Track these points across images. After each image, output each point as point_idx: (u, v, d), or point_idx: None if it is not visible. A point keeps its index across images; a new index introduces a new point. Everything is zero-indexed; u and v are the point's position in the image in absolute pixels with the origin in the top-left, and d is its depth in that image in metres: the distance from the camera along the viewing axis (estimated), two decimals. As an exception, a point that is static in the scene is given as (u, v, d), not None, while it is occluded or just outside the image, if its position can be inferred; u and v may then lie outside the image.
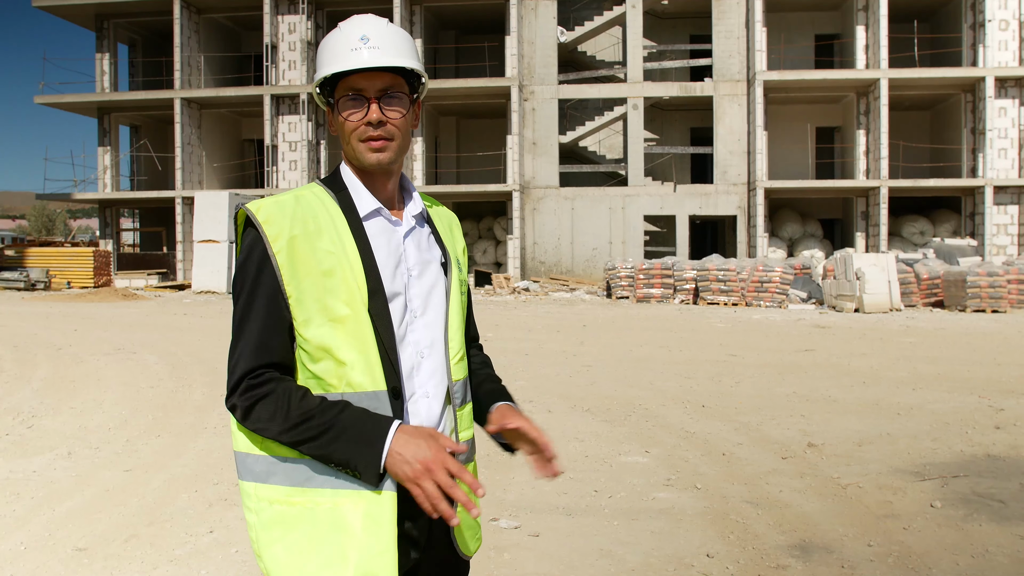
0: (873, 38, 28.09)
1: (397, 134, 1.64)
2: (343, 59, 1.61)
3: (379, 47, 1.61)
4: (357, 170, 1.69)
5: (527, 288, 27.14)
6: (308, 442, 1.51)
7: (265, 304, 1.56)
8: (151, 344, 12.50)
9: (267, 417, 1.52)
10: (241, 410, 1.54)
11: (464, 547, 1.72)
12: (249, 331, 1.56)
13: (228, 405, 1.56)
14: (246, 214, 1.60)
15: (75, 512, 4.63)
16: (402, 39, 1.66)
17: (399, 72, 1.64)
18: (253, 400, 1.53)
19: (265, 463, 1.59)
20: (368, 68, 1.60)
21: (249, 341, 1.55)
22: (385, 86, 1.62)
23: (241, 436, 1.62)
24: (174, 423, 7.00)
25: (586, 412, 7.48)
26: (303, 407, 1.51)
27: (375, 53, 1.61)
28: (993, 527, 4.34)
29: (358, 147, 1.63)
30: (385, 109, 1.62)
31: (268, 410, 1.52)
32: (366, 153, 1.63)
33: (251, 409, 1.53)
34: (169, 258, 32.19)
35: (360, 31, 1.62)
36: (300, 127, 30.28)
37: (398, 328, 1.62)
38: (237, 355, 1.56)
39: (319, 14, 31.08)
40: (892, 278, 19.68)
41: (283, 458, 1.58)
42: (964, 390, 8.48)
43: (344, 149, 1.68)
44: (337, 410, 1.52)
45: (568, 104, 31.13)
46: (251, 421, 1.54)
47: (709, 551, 4.03)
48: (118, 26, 32.83)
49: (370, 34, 1.62)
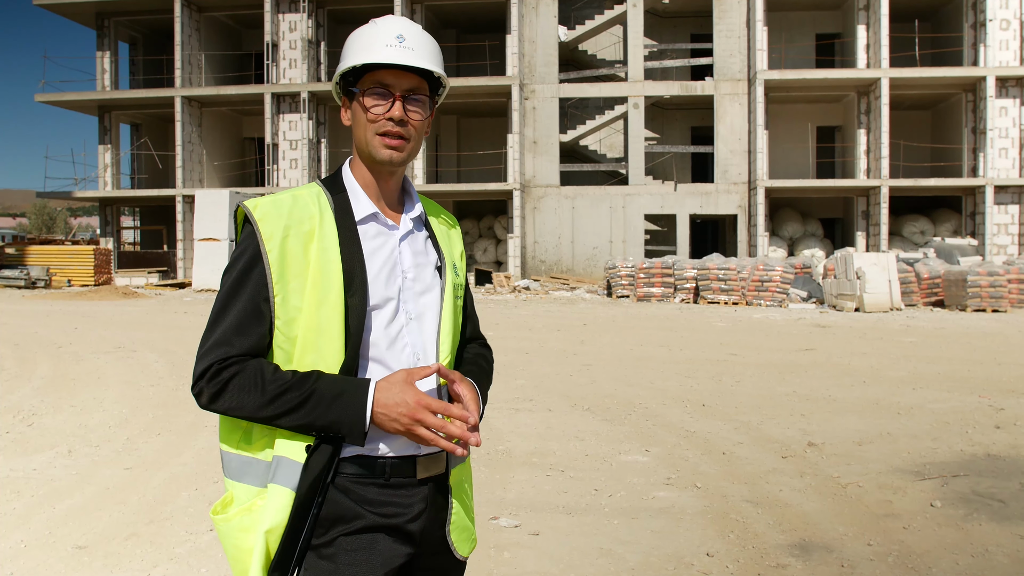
0: (874, 37, 28.08)
1: (414, 135, 1.66)
2: (378, 52, 1.62)
3: (413, 48, 1.64)
4: (362, 170, 1.70)
5: (527, 287, 27.14)
6: (288, 414, 1.52)
7: (248, 299, 1.57)
8: (151, 342, 12.50)
9: (241, 395, 1.53)
10: (208, 395, 1.54)
11: (459, 548, 1.73)
12: (227, 322, 1.57)
13: (194, 391, 1.56)
14: (244, 211, 1.62)
15: (75, 510, 4.63)
16: (433, 45, 1.69)
17: (425, 76, 1.67)
18: (221, 384, 1.53)
19: (239, 461, 1.63)
20: (402, 65, 1.62)
21: (225, 331, 1.56)
22: (411, 87, 1.65)
23: (224, 433, 1.65)
24: (174, 421, 7.00)
25: (586, 411, 7.48)
26: (278, 380, 1.53)
27: (409, 53, 1.63)
28: (993, 526, 4.34)
29: (373, 140, 1.64)
30: (408, 109, 1.65)
31: (242, 388, 1.53)
32: (380, 148, 1.64)
33: (220, 392, 1.53)
34: (169, 256, 32.19)
35: (397, 29, 1.65)
36: (301, 125, 30.27)
37: (393, 331, 1.63)
38: (210, 343, 1.56)
39: (320, 13, 31.07)
40: (893, 277, 19.67)
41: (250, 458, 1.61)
42: (964, 389, 8.48)
43: (357, 141, 1.68)
44: (313, 379, 1.53)
45: (569, 103, 31.12)
46: (221, 403, 1.54)
47: (709, 550, 4.04)
48: (119, 24, 32.82)
49: (406, 34, 1.65)
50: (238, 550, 1.59)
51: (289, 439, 1.57)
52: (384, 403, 1.52)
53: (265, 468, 1.60)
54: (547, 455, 5.91)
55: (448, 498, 1.71)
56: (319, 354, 1.58)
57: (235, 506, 1.61)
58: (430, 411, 1.51)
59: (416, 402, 1.51)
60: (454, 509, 1.72)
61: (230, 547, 1.61)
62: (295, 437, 1.57)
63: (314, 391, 1.52)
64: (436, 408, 1.51)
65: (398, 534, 1.62)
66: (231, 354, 1.55)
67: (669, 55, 31.99)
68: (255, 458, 1.61)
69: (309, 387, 1.52)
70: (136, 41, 34.56)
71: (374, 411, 1.52)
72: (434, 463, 1.67)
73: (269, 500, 1.56)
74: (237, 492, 1.62)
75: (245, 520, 1.59)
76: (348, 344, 1.58)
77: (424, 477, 1.65)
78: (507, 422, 6.97)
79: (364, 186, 1.69)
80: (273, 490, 1.56)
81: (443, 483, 1.70)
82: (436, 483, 1.68)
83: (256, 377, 1.53)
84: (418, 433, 1.51)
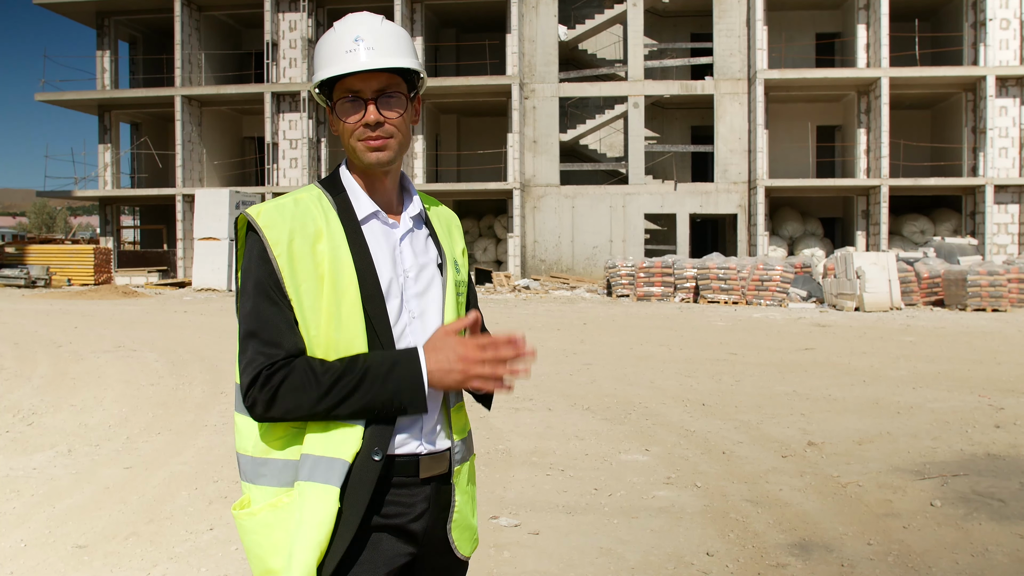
0: (874, 37, 28.07)
1: (396, 132, 1.64)
2: (338, 61, 1.61)
3: (374, 47, 1.61)
4: (357, 171, 1.70)
5: (527, 286, 27.13)
6: (348, 398, 1.53)
7: (271, 304, 1.57)
8: (151, 342, 12.50)
9: (297, 395, 1.52)
10: (263, 403, 1.53)
11: (461, 547, 1.73)
12: (260, 330, 1.56)
13: (247, 404, 1.55)
14: (247, 220, 1.61)
15: (75, 509, 4.63)
16: (397, 37, 1.65)
17: (396, 71, 1.64)
18: (275, 387, 1.52)
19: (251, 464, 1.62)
20: (362, 71, 1.60)
21: (261, 339, 1.55)
22: (382, 86, 1.62)
23: (239, 438, 1.64)
24: (174, 421, 7.00)
25: (586, 410, 7.48)
26: (330, 371, 1.54)
27: (370, 54, 1.60)
28: (993, 526, 4.34)
29: (357, 147, 1.64)
30: (383, 110, 1.63)
31: (296, 387, 1.52)
32: (365, 153, 1.64)
33: (274, 397, 1.52)
34: (169, 255, 32.19)
35: (354, 32, 1.62)
36: (301, 125, 30.27)
37: (396, 329, 1.63)
38: (250, 354, 1.55)
39: (320, 12, 31.06)
40: (892, 277, 19.67)
41: (273, 459, 1.60)
42: (964, 389, 8.48)
43: (345, 148, 1.68)
44: (362, 359, 1.56)
45: (569, 102, 31.11)
46: (277, 408, 1.53)
47: (709, 549, 4.04)
48: (119, 23, 32.81)
49: (364, 34, 1.62)
50: (260, 547, 1.59)
51: (323, 432, 1.56)
52: (436, 360, 1.55)
53: (282, 467, 1.59)
54: (547, 454, 5.91)
55: (451, 497, 1.71)
56: (339, 351, 1.58)
57: (258, 503, 1.60)
58: (480, 354, 1.55)
59: (464, 352, 1.55)
60: (456, 508, 1.72)
61: (252, 544, 1.60)
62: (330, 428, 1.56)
63: (368, 369, 1.54)
64: (485, 343, 1.55)
65: (401, 534, 1.62)
66: (276, 358, 1.54)
67: (669, 54, 31.98)
68: (270, 459, 1.60)
69: (361, 367, 1.54)
70: (136, 40, 34.54)
71: (429, 370, 1.55)
72: (437, 463, 1.67)
73: (305, 498, 1.55)
74: (254, 494, 1.61)
75: (270, 517, 1.58)
76: (370, 341, 1.59)
77: (427, 476, 1.65)
78: (507, 421, 6.97)
79: (362, 186, 1.69)
80: (307, 488, 1.55)
81: (446, 482, 1.70)
82: (438, 483, 1.68)
83: (307, 374, 1.53)
84: (477, 376, 1.55)
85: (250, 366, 1.54)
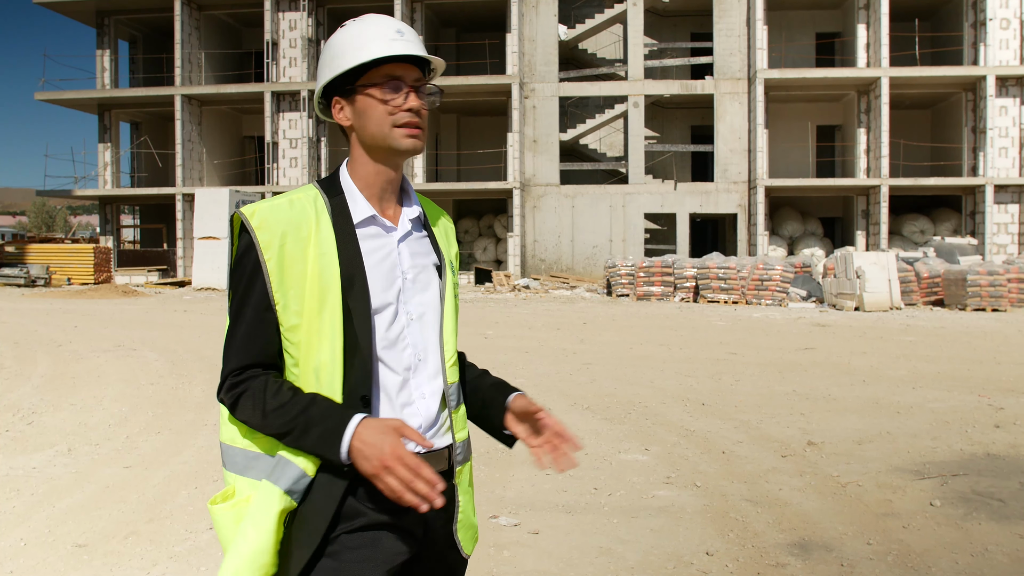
0: (874, 36, 28.08)
1: (425, 124, 1.68)
2: (387, 46, 1.62)
3: (412, 43, 1.66)
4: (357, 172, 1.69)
5: (527, 286, 27.14)
6: (284, 436, 1.56)
7: (253, 308, 1.59)
8: (151, 341, 12.50)
9: (247, 410, 1.58)
10: (228, 406, 1.62)
11: (466, 546, 1.75)
12: (239, 332, 1.60)
13: (219, 399, 1.64)
14: (241, 219, 1.61)
15: (75, 509, 4.63)
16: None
17: (425, 70, 1.70)
18: (235, 397, 1.59)
19: (243, 456, 1.64)
20: (416, 56, 1.64)
21: (236, 342, 1.60)
22: (416, 78, 1.66)
23: (226, 428, 1.68)
24: (174, 420, 7.00)
25: (586, 410, 7.48)
26: (277, 402, 1.55)
27: (415, 46, 1.65)
28: (992, 526, 4.34)
29: (393, 132, 1.64)
30: (419, 99, 1.67)
31: (247, 403, 1.58)
32: (402, 139, 1.64)
33: (235, 405, 1.59)
34: (169, 255, 32.20)
35: (395, 25, 1.67)
36: (301, 124, 30.27)
37: (394, 332, 1.64)
38: (226, 356, 1.62)
39: (320, 11, 31.06)
40: (892, 277, 19.67)
41: (256, 453, 1.63)
42: (964, 389, 8.48)
43: (370, 137, 1.65)
44: (305, 403, 1.55)
45: (569, 102, 31.12)
46: (238, 414, 1.60)
47: (709, 549, 4.04)
48: (119, 23, 32.81)
49: (403, 30, 1.67)
50: (227, 541, 1.61)
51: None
52: (364, 440, 1.50)
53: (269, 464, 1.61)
54: (547, 454, 5.90)
55: (454, 496, 1.72)
56: (320, 358, 1.58)
57: (242, 495, 1.63)
58: (402, 464, 1.47)
59: (392, 450, 1.48)
60: (460, 507, 1.73)
61: (223, 538, 1.63)
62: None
63: (300, 418, 1.54)
64: (410, 463, 1.48)
65: (400, 532, 1.63)
66: (244, 363, 1.59)
67: (669, 54, 31.98)
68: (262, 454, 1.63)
69: (298, 412, 1.54)
70: (136, 39, 34.54)
71: (352, 444, 1.50)
72: (436, 461, 1.67)
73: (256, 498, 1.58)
74: (240, 484, 1.64)
75: (238, 512, 1.61)
76: (347, 348, 1.59)
77: None
78: (507, 421, 6.96)
79: (363, 188, 1.68)
80: (262, 487, 1.58)
81: (448, 482, 1.70)
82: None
83: (259, 395, 1.56)
84: (385, 480, 1.48)
85: (224, 367, 1.61)
